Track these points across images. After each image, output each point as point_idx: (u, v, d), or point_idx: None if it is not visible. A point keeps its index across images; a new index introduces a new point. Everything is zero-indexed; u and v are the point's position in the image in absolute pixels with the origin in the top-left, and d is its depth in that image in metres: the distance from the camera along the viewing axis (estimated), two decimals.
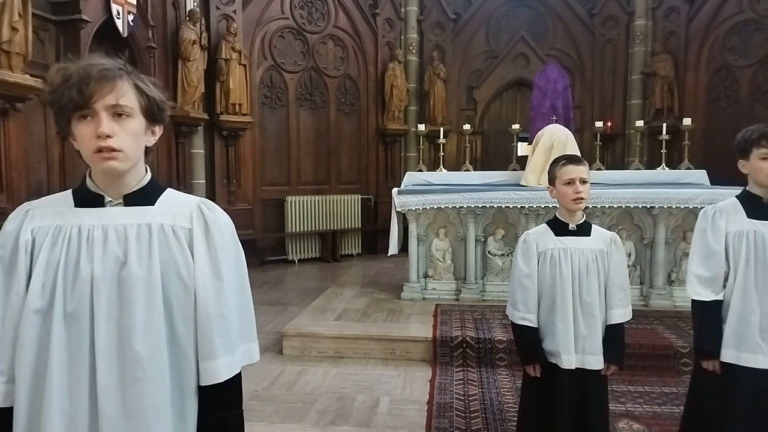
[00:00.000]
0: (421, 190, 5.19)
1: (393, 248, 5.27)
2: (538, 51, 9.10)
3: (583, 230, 2.31)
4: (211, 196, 7.52)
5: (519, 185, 5.36)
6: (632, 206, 4.77)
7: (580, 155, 2.66)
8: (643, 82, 8.64)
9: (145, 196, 1.24)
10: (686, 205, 4.69)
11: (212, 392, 1.25)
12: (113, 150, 1.13)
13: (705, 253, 2.27)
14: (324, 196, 8.51)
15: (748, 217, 2.22)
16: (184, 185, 6.93)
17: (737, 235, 2.21)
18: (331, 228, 8.45)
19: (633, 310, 2.20)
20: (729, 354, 2.21)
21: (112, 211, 1.21)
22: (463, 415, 3.13)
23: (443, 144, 6.16)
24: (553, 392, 2.28)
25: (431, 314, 4.61)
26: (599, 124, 5.86)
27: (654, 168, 6.08)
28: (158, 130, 1.26)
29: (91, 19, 4.97)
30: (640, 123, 5.84)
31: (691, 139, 8.35)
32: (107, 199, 1.22)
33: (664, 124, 5.58)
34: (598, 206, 4.81)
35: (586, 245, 2.28)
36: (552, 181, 2.34)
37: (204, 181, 7.48)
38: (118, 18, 5.64)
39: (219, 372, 1.24)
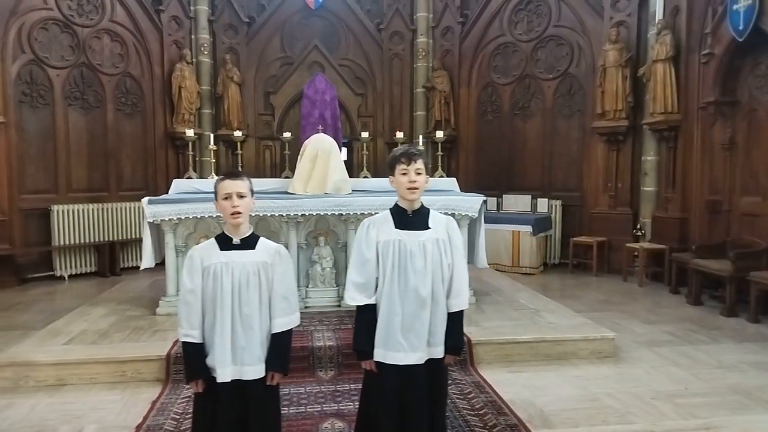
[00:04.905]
0: (176, 199, 4.97)
1: (147, 261, 4.99)
2: (332, 61, 9.35)
3: (248, 244, 2.37)
4: None
5: (287, 193, 5.42)
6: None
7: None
8: (426, 95, 9.34)
9: None
10: None
11: None
12: None
13: (359, 261, 2.45)
14: (101, 204, 7.82)
15: (396, 227, 2.44)
16: None
17: (385, 244, 2.42)
18: (110, 239, 7.78)
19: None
20: (379, 353, 2.42)
21: None
22: None
23: (213, 150, 5.99)
24: (216, 406, 2.29)
25: None
26: (365, 134, 6.17)
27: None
28: None
29: None
30: (400, 135, 6.26)
31: (464, 149, 9.24)
32: None
33: (421, 136, 6.03)
34: (351, 213, 5.04)
35: (248, 258, 2.33)
36: (216, 196, 2.38)
37: None
38: None
39: None
